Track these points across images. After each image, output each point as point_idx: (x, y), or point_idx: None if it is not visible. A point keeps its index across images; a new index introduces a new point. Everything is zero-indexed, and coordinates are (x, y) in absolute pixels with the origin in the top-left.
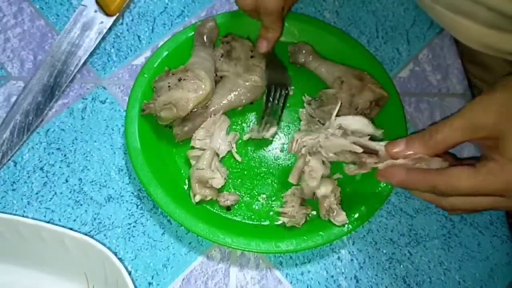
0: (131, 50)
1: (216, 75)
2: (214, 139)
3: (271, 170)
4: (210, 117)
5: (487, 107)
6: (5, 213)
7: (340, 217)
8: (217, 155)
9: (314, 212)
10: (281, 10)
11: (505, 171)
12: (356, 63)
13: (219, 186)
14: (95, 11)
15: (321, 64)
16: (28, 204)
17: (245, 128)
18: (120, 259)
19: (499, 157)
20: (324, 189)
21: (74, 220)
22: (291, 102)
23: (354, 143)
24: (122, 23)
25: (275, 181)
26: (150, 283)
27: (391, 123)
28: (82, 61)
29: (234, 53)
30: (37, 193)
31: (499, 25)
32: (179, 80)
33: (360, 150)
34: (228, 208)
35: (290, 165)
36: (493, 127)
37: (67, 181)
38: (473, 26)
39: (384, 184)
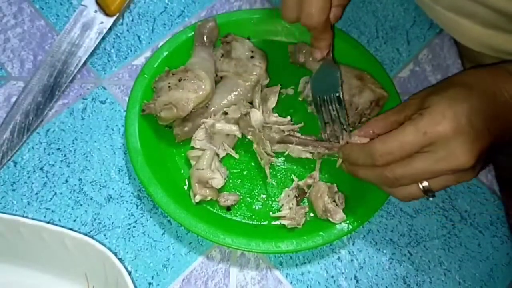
0: (131, 50)
1: (216, 75)
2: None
3: (271, 170)
4: (210, 117)
5: (417, 93)
6: (5, 213)
7: (338, 215)
8: (217, 155)
9: (312, 214)
10: (326, 21)
11: (440, 115)
12: (356, 63)
13: (219, 186)
14: (95, 11)
15: None
16: (28, 204)
17: None
18: (120, 259)
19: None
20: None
21: (74, 221)
22: (291, 104)
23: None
24: (122, 23)
25: (275, 181)
26: (150, 283)
27: None
28: (82, 61)
29: (234, 53)
30: (37, 193)
31: (500, 25)
32: (179, 80)
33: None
34: (228, 208)
35: (290, 165)
36: (420, 101)
37: (67, 181)
38: (474, 26)
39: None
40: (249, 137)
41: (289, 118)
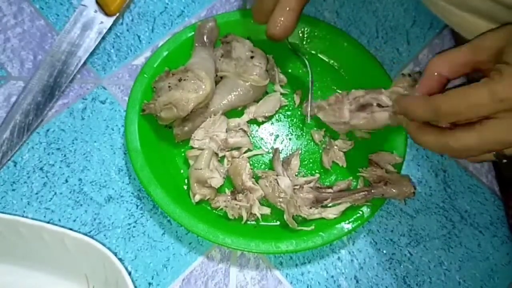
0: (131, 50)
1: (216, 75)
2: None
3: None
4: (210, 117)
5: (492, 33)
6: (5, 213)
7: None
8: (216, 154)
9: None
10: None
11: None
12: (356, 63)
13: (218, 186)
14: (95, 11)
15: None
16: (28, 204)
17: None
18: (120, 259)
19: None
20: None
21: (74, 221)
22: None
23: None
24: (122, 23)
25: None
26: (150, 284)
27: None
28: (82, 61)
29: (234, 53)
30: (37, 193)
31: (507, 19)
32: (179, 80)
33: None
34: None
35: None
36: (496, 48)
37: (67, 181)
38: (479, 21)
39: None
40: (279, 206)
41: (318, 175)
